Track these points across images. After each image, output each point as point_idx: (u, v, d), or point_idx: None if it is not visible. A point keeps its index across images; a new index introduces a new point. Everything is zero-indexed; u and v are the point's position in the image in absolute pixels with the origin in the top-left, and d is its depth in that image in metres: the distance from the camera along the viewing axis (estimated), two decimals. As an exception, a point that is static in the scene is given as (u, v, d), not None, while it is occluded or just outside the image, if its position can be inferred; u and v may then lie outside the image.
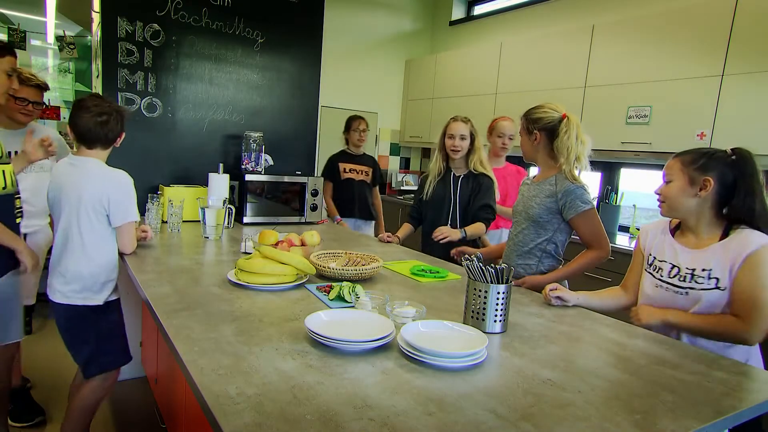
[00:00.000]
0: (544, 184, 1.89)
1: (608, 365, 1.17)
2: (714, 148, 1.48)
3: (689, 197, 1.45)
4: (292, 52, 3.31)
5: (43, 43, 5.23)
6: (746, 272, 1.35)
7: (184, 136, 3.00)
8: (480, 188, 2.47)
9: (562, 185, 1.83)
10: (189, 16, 2.93)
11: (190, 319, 1.29)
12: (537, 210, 1.88)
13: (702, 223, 1.47)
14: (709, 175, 1.41)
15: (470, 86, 4.48)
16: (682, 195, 1.46)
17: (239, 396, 0.91)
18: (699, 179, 1.43)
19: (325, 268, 1.74)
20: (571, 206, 1.81)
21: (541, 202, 1.87)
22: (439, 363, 1.09)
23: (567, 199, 1.81)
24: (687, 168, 1.45)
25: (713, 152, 1.44)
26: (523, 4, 4.43)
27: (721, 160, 1.42)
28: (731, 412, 0.99)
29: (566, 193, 1.81)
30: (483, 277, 1.37)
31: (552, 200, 1.85)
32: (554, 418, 0.91)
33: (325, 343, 1.15)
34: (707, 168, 1.42)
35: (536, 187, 1.92)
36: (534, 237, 1.90)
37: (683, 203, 1.47)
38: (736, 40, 2.75)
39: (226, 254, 2.08)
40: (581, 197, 1.81)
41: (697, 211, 1.47)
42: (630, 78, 3.22)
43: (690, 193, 1.44)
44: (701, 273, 1.43)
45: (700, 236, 1.49)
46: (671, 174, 1.49)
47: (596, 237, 1.84)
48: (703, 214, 1.46)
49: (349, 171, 3.48)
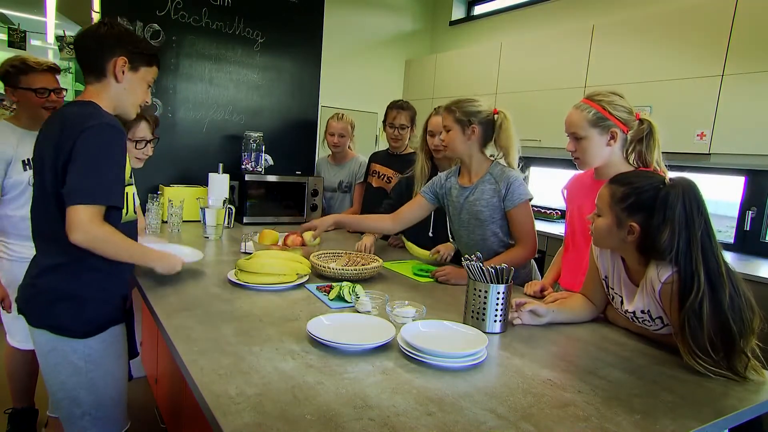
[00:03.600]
0: (483, 184, 1.86)
1: (608, 365, 1.17)
2: (650, 177, 1.27)
3: (616, 239, 1.29)
4: (292, 52, 3.31)
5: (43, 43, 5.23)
6: (666, 308, 1.24)
7: (184, 136, 3.00)
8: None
9: (502, 174, 1.83)
10: (189, 16, 2.93)
11: (190, 319, 1.29)
12: (487, 212, 1.85)
13: (632, 261, 1.32)
14: (636, 219, 1.23)
15: (470, 86, 4.47)
16: (609, 234, 1.30)
17: (239, 396, 0.91)
18: (626, 223, 1.25)
19: (325, 268, 1.74)
20: (511, 196, 1.80)
21: (487, 203, 1.84)
22: (439, 363, 1.09)
23: (510, 189, 1.80)
24: (616, 206, 1.27)
25: (644, 187, 1.24)
26: (523, 4, 4.43)
27: (651, 198, 1.22)
28: (731, 412, 0.99)
29: (509, 182, 1.81)
30: (483, 277, 1.37)
31: (496, 197, 1.83)
32: (554, 418, 0.91)
33: (326, 343, 1.15)
34: (634, 209, 1.24)
35: (475, 189, 1.87)
36: (489, 235, 1.88)
37: (611, 242, 1.32)
38: (736, 40, 2.74)
39: (226, 254, 2.08)
40: (522, 187, 1.82)
41: (624, 249, 1.32)
42: (630, 78, 3.21)
43: (617, 235, 1.28)
44: (642, 315, 1.32)
45: (632, 272, 1.35)
46: (601, 206, 1.31)
47: (527, 233, 1.81)
48: (630, 252, 1.31)
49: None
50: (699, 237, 1.16)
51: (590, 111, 1.55)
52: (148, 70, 1.42)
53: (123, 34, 1.37)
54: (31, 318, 1.35)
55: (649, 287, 1.27)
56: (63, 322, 1.32)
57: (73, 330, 1.33)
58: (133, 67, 1.37)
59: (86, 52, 1.36)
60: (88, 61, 1.36)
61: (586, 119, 1.55)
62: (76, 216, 1.20)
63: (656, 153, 1.53)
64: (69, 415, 1.37)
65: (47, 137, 1.31)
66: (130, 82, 1.38)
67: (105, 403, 1.39)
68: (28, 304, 1.36)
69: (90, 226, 1.21)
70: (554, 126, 1.99)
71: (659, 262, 1.23)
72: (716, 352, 1.13)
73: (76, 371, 1.34)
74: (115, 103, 1.39)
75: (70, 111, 1.32)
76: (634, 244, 1.27)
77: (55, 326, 1.32)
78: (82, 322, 1.34)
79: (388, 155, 2.82)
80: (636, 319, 1.35)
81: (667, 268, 1.21)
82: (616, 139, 1.55)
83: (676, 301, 1.17)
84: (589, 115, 1.55)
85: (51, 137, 1.28)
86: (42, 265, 1.35)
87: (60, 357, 1.33)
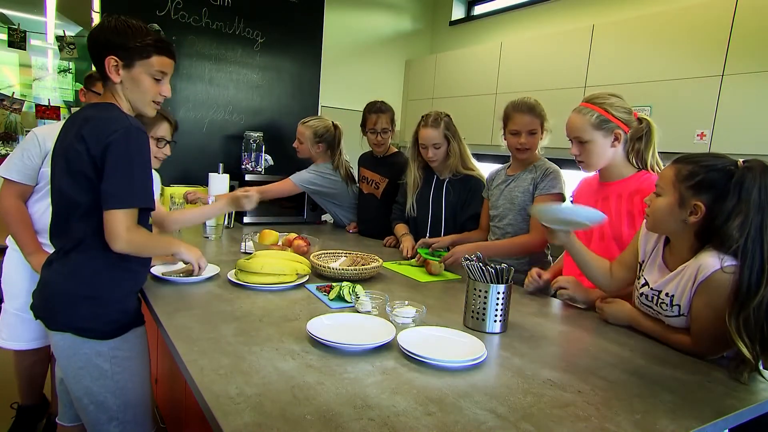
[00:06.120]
0: (525, 173, 2.01)
1: (608, 365, 1.17)
2: (720, 157, 1.22)
3: (676, 220, 1.24)
4: (292, 52, 3.31)
5: (43, 43, 5.23)
6: (700, 298, 1.21)
7: (185, 136, 3.00)
8: (468, 193, 2.24)
9: (543, 166, 1.97)
10: (189, 16, 2.93)
11: (190, 319, 1.29)
12: (522, 198, 1.97)
13: (682, 247, 1.27)
14: (702, 199, 1.18)
15: (470, 86, 4.48)
16: (669, 215, 1.24)
17: (239, 396, 0.91)
18: (690, 202, 1.20)
19: (325, 268, 1.74)
20: (543, 184, 1.92)
21: (524, 189, 1.98)
22: (440, 363, 1.09)
23: (545, 178, 1.93)
24: (680, 184, 1.22)
25: (715, 165, 1.18)
26: (523, 4, 4.43)
27: (722, 178, 1.17)
28: (731, 412, 0.99)
29: (547, 173, 1.94)
30: (483, 277, 1.37)
31: (532, 185, 1.97)
32: (554, 418, 0.91)
33: (326, 343, 1.15)
34: (702, 187, 1.18)
35: (518, 178, 2.02)
36: (520, 220, 1.99)
37: (669, 224, 1.26)
38: (736, 40, 2.74)
39: (226, 254, 2.08)
40: (556, 180, 1.93)
41: (680, 233, 1.27)
42: (630, 78, 3.21)
43: (678, 216, 1.23)
44: (664, 298, 1.29)
45: (672, 257, 1.32)
46: (662, 186, 1.27)
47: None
48: (685, 238, 1.26)
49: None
50: None
51: (593, 114, 1.55)
52: (146, 63, 1.31)
53: (112, 32, 1.29)
54: (51, 321, 1.31)
55: (690, 273, 1.22)
56: (86, 323, 1.29)
57: (98, 330, 1.29)
58: (127, 65, 1.30)
59: (91, 56, 1.33)
60: (94, 65, 1.33)
61: (590, 123, 1.55)
62: (114, 224, 1.20)
63: (652, 151, 1.57)
64: (95, 421, 1.32)
65: (68, 139, 1.28)
66: (129, 80, 1.31)
67: (132, 407, 1.35)
68: (46, 307, 1.32)
69: (129, 234, 1.22)
70: (554, 126, 1.99)
71: (719, 249, 1.17)
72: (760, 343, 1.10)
73: (101, 374, 1.30)
74: (128, 104, 1.35)
75: (91, 114, 1.29)
76: (695, 226, 1.21)
77: (78, 328, 1.28)
78: (106, 322, 1.31)
79: (374, 159, 2.74)
80: (654, 299, 1.32)
81: (729, 255, 1.14)
82: (619, 140, 1.56)
83: (734, 290, 1.12)
84: (591, 118, 1.55)
85: (71, 139, 1.26)
86: (60, 267, 1.31)
87: (84, 360, 1.29)
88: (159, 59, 1.33)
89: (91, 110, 1.31)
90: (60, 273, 1.31)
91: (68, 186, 1.26)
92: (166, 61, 1.34)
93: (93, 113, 1.28)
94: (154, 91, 1.35)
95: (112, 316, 1.32)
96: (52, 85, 4.69)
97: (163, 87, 1.37)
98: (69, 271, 1.30)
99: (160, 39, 1.34)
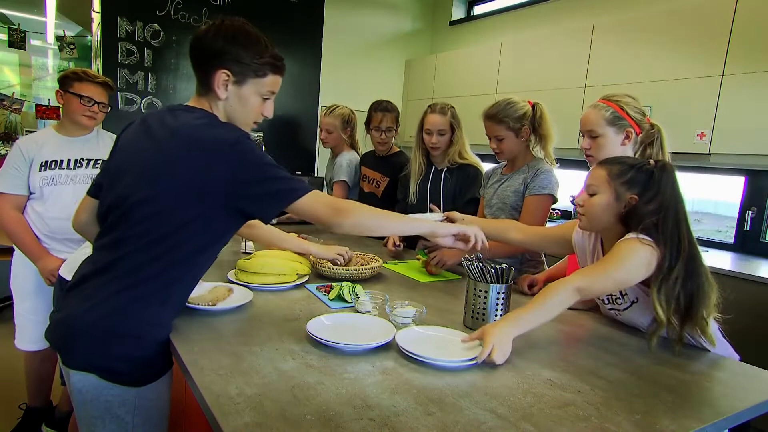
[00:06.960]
0: (518, 173, 1.97)
1: (608, 365, 1.17)
2: (638, 159, 1.40)
3: (612, 214, 1.32)
4: (292, 52, 3.31)
5: (43, 43, 5.23)
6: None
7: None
8: (466, 180, 2.28)
9: (536, 165, 1.94)
10: (189, 16, 2.93)
11: (190, 319, 1.29)
12: (513, 198, 1.95)
13: (616, 239, 1.32)
14: (635, 192, 1.29)
15: (470, 86, 4.48)
16: (607, 210, 1.32)
17: (239, 396, 0.91)
18: (625, 196, 1.30)
19: (325, 268, 1.74)
20: (533, 183, 1.89)
21: (515, 189, 1.95)
22: (440, 363, 1.09)
23: (535, 177, 1.90)
24: (614, 181, 1.31)
25: (640, 164, 1.32)
26: (523, 4, 4.43)
27: (645, 174, 1.30)
28: (731, 412, 0.99)
29: (539, 172, 1.91)
30: (483, 277, 1.37)
31: (524, 185, 1.93)
32: (554, 418, 0.91)
33: (326, 343, 1.15)
34: (633, 183, 1.30)
35: (511, 177, 1.99)
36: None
37: (605, 219, 1.34)
38: (736, 40, 2.74)
39: (226, 254, 2.08)
40: (548, 180, 1.90)
41: (612, 226, 1.35)
42: (630, 78, 3.22)
43: (614, 210, 1.31)
44: (617, 293, 1.37)
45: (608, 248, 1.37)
46: (597, 185, 1.34)
47: (533, 224, 1.82)
48: (615, 231, 1.33)
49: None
50: (684, 213, 1.28)
51: (607, 110, 1.57)
52: (259, 82, 1.17)
53: (230, 42, 1.14)
54: (72, 358, 1.09)
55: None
56: (118, 366, 1.08)
57: (130, 375, 1.09)
58: (238, 81, 1.15)
59: (193, 61, 1.18)
60: (196, 71, 1.18)
61: (604, 117, 1.57)
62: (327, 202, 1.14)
63: (667, 157, 1.57)
64: None
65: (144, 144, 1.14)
66: (236, 98, 1.17)
67: None
68: (70, 339, 1.09)
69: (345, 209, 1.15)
70: (554, 126, 1.99)
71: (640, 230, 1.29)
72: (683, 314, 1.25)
73: (119, 427, 1.10)
74: (225, 117, 1.20)
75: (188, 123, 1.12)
76: (622, 217, 1.33)
77: (107, 370, 1.07)
78: (141, 366, 1.10)
79: (375, 158, 2.75)
80: (611, 296, 1.41)
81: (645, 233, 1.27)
82: (630, 139, 1.58)
83: (658, 266, 1.24)
84: (606, 113, 1.57)
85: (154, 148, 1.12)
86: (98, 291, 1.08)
87: (102, 409, 1.08)
88: (273, 79, 1.20)
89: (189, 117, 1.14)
90: (95, 296, 1.08)
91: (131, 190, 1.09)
92: (278, 81, 1.22)
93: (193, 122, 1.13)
94: (258, 111, 1.22)
95: (149, 357, 1.12)
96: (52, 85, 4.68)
97: (266, 107, 1.23)
98: (109, 295, 1.08)
99: (278, 56, 1.21)
